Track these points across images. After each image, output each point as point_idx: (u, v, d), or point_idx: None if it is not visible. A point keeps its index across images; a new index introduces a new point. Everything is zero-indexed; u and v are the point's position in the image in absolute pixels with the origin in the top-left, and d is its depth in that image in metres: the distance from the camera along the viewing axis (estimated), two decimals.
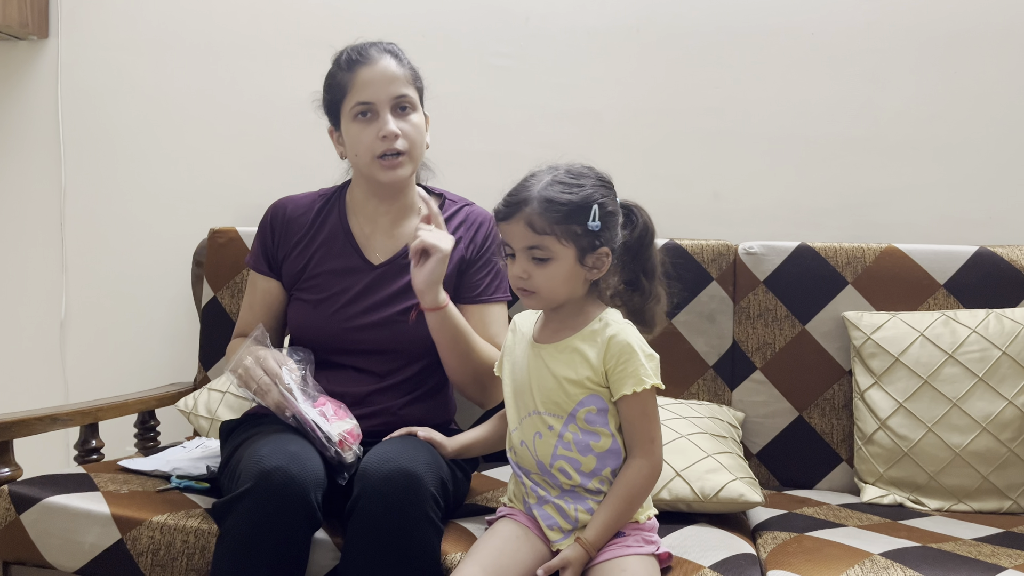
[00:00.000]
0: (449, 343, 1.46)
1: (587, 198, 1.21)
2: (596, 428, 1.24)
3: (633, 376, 1.21)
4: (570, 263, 1.22)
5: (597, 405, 1.24)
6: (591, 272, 1.24)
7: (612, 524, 1.22)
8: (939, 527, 1.50)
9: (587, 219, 1.20)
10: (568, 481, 1.25)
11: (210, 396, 1.87)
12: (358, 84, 1.48)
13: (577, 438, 1.24)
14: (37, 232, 2.30)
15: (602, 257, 1.24)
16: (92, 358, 2.27)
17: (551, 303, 1.26)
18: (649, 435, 1.23)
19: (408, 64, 1.53)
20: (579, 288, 1.26)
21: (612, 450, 1.24)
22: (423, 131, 1.53)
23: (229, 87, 2.21)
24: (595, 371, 1.23)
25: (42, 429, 1.65)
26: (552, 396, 1.25)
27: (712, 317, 1.83)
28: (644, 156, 2.06)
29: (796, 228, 1.98)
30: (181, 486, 1.55)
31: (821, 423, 1.79)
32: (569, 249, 1.22)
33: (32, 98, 2.29)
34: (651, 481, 1.24)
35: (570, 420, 1.24)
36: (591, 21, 2.07)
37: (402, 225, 1.58)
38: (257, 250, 1.62)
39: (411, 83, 1.51)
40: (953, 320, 1.70)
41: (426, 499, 1.25)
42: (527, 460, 1.28)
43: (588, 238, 1.21)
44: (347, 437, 1.36)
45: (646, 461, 1.23)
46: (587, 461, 1.24)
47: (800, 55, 2.01)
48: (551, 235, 1.20)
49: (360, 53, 1.50)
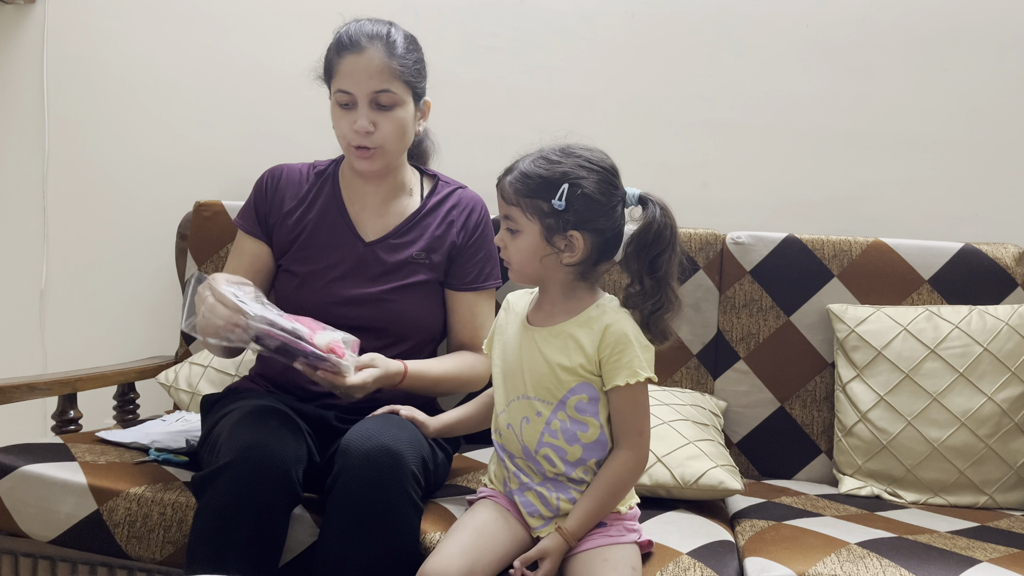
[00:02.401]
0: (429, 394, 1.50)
1: (559, 176, 1.18)
2: (585, 418, 1.22)
3: (627, 367, 1.19)
4: (535, 239, 1.20)
5: (588, 394, 1.22)
6: (563, 255, 1.21)
7: (594, 515, 1.21)
8: (915, 519, 1.52)
9: (554, 197, 1.18)
10: (552, 469, 1.24)
11: (191, 370, 1.86)
12: (342, 71, 1.45)
13: (565, 426, 1.22)
14: (19, 199, 2.26)
15: (573, 240, 1.19)
16: (72, 328, 2.25)
17: (525, 277, 1.25)
18: (638, 428, 1.22)
19: (401, 53, 1.46)
20: (555, 269, 1.22)
21: (599, 441, 1.23)
22: (405, 126, 1.48)
23: (219, 58, 2.18)
24: (589, 359, 1.21)
25: (19, 398, 1.63)
26: (543, 381, 1.23)
27: (697, 306, 1.84)
28: (634, 143, 2.06)
29: (784, 219, 1.98)
30: (160, 459, 1.54)
31: (802, 414, 1.80)
32: (534, 224, 1.20)
33: (17, 63, 2.25)
34: (636, 474, 1.23)
35: (560, 407, 1.23)
36: (585, 5, 2.06)
37: (392, 204, 1.57)
38: (250, 212, 1.59)
39: (398, 76, 1.45)
40: (936, 315, 1.72)
41: (407, 477, 1.25)
42: (512, 443, 1.27)
43: (554, 217, 1.18)
44: (336, 347, 1.31)
45: (632, 454, 1.21)
46: (573, 450, 1.23)
47: (794, 46, 2.00)
48: (517, 207, 1.21)
49: (351, 38, 1.46)
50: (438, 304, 1.57)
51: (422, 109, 1.54)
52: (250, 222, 1.58)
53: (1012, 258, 1.78)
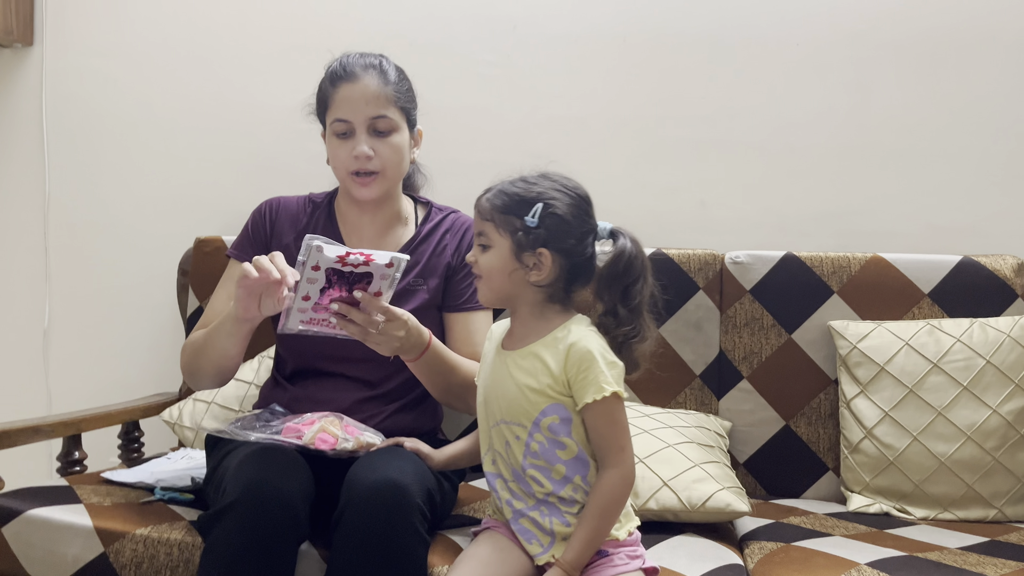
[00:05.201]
0: (437, 379, 1.44)
1: (535, 195, 1.22)
2: (560, 438, 1.22)
3: (594, 384, 1.19)
4: (504, 254, 1.23)
5: (560, 415, 1.22)
6: (531, 272, 1.23)
7: (590, 541, 1.20)
8: (925, 536, 1.51)
9: (527, 215, 1.21)
10: (541, 489, 1.24)
11: (195, 407, 1.86)
12: (338, 101, 1.48)
13: (544, 448, 1.23)
14: (21, 240, 2.28)
15: (541, 258, 1.22)
16: (76, 367, 2.25)
17: (495, 294, 1.27)
18: (618, 443, 1.21)
19: (395, 81, 1.50)
20: (524, 288, 1.24)
21: (579, 458, 1.23)
22: (403, 151, 1.51)
23: (215, 95, 2.20)
24: (555, 379, 1.21)
25: (24, 440, 1.63)
26: (515, 405, 1.24)
27: (699, 326, 1.84)
28: (631, 164, 2.07)
29: (782, 237, 1.98)
30: (165, 498, 1.53)
31: (808, 432, 1.80)
32: (505, 240, 1.23)
33: (17, 105, 2.27)
34: (625, 491, 1.22)
35: (535, 429, 1.23)
36: (579, 29, 2.08)
37: (388, 234, 1.58)
38: (246, 242, 1.59)
39: (393, 103, 1.48)
40: (938, 329, 1.71)
41: (413, 510, 1.24)
42: (502, 467, 1.28)
43: (526, 234, 1.22)
44: (325, 438, 1.33)
45: (617, 471, 1.21)
46: (557, 468, 1.23)
47: (786, 64, 2.02)
48: (491, 222, 1.24)
49: (345, 68, 1.49)
50: (437, 329, 1.57)
51: (415, 137, 1.57)
52: (247, 253, 1.58)
53: (1011, 269, 1.78)
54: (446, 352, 1.44)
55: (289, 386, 1.54)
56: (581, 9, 2.08)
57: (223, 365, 1.48)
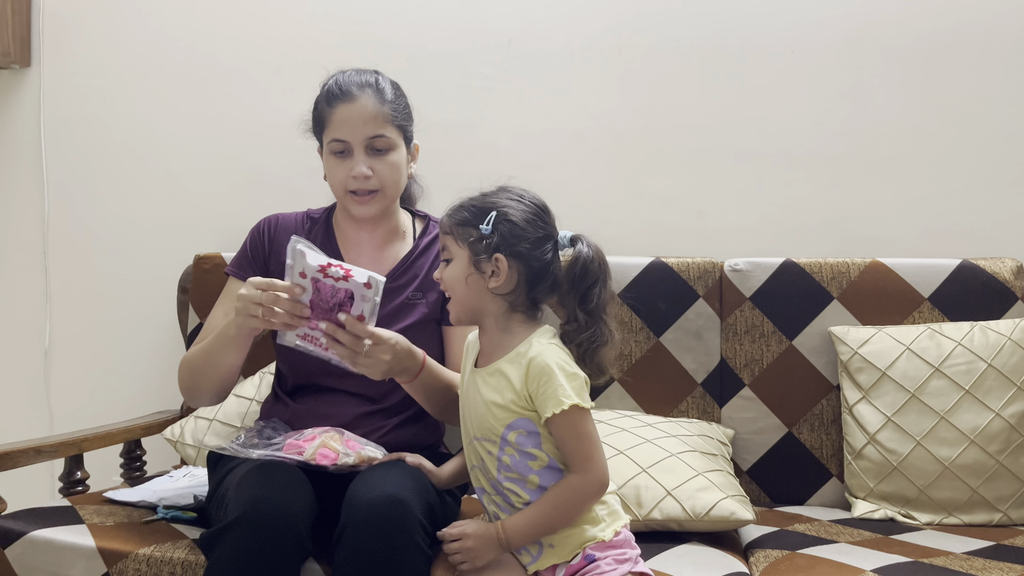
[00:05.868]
0: (433, 398, 1.44)
1: (489, 205, 1.26)
2: (529, 450, 1.24)
3: (552, 398, 1.21)
4: (463, 264, 1.27)
5: (526, 428, 1.24)
6: (490, 279, 1.25)
7: (532, 524, 1.23)
8: (930, 541, 1.50)
9: (482, 223, 1.25)
10: (519, 499, 1.26)
11: (196, 424, 1.86)
12: (335, 121, 1.48)
13: (515, 460, 1.25)
14: (21, 260, 2.28)
15: (498, 264, 1.25)
16: (77, 387, 2.25)
17: (460, 307, 1.30)
18: (583, 454, 1.22)
19: (392, 99, 1.50)
20: (485, 298, 1.27)
21: (551, 467, 1.25)
22: (400, 169, 1.51)
23: (211, 113, 2.20)
24: (518, 395, 1.23)
25: (26, 462, 1.63)
26: (483, 422, 1.27)
27: (699, 334, 1.84)
28: (628, 175, 2.07)
29: (781, 244, 1.98)
30: (168, 516, 1.53)
31: (811, 438, 1.79)
32: (463, 251, 1.27)
33: (15, 126, 2.28)
34: (587, 495, 1.23)
35: (504, 444, 1.25)
36: (572, 42, 2.08)
37: (387, 248, 1.59)
38: (245, 260, 1.59)
39: (391, 121, 1.49)
40: (938, 333, 1.71)
41: (414, 525, 1.24)
42: (483, 480, 1.31)
43: (480, 241, 1.25)
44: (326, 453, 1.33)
45: (580, 476, 1.23)
46: (530, 479, 1.25)
47: (781, 72, 2.02)
48: (450, 235, 1.29)
49: (341, 88, 1.49)
50: (437, 343, 1.57)
51: (412, 152, 1.57)
52: (246, 270, 1.58)
53: (1010, 272, 1.78)
54: (442, 372, 1.44)
55: (290, 401, 1.54)
56: (575, 23, 2.08)
57: (223, 378, 1.48)
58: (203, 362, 1.48)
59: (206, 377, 1.48)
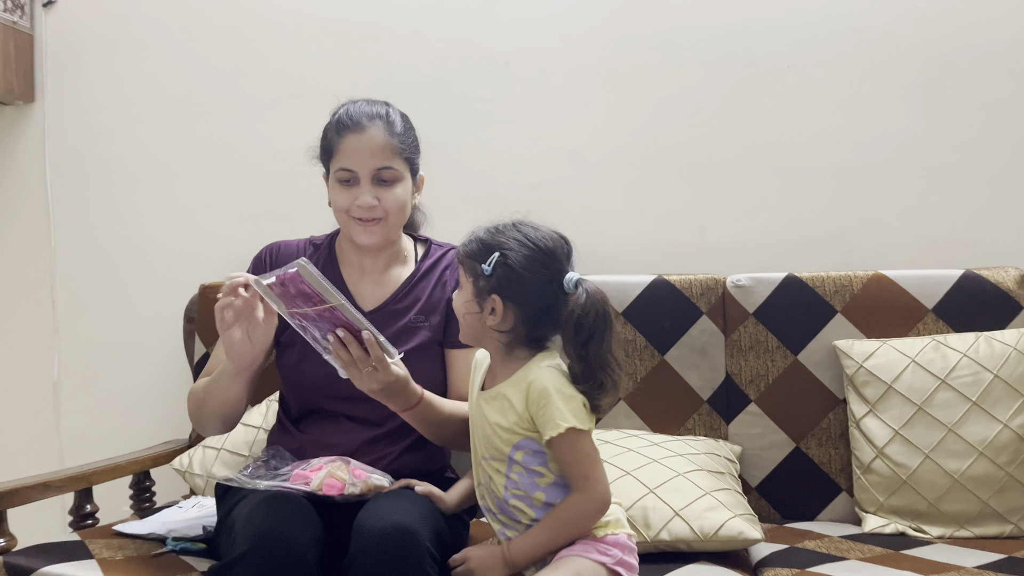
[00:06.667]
0: (429, 429, 1.44)
1: (495, 244, 1.27)
2: (535, 467, 1.27)
3: (550, 421, 1.23)
4: (467, 296, 1.30)
5: (532, 447, 1.27)
6: (487, 317, 1.27)
7: (537, 541, 1.25)
8: (942, 555, 1.49)
9: (486, 261, 1.26)
10: (525, 516, 1.28)
11: (205, 454, 1.86)
12: (343, 151, 1.49)
13: (523, 478, 1.27)
14: (29, 294, 2.30)
15: (495, 305, 1.26)
16: (87, 418, 2.26)
17: (464, 332, 1.33)
18: (582, 473, 1.24)
19: (401, 132, 1.51)
20: (484, 331, 1.29)
21: (557, 483, 1.27)
22: (405, 200, 1.52)
23: (214, 143, 2.22)
24: (521, 417, 1.26)
25: (36, 497, 1.64)
26: (490, 442, 1.29)
27: (704, 351, 1.83)
28: (628, 193, 2.08)
29: (783, 259, 1.98)
30: (177, 548, 1.53)
31: (819, 453, 1.78)
32: (468, 283, 1.30)
33: (20, 162, 2.30)
34: (587, 513, 1.26)
35: (511, 463, 1.28)
36: (569, 63, 2.10)
37: (388, 272, 1.59)
38: None
39: (399, 154, 1.50)
40: (943, 345, 1.71)
41: (422, 554, 1.24)
42: (489, 500, 1.33)
43: (483, 280, 1.27)
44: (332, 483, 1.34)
45: (581, 496, 1.25)
46: (537, 496, 1.27)
47: (778, 87, 2.03)
48: (461, 265, 1.32)
49: (352, 118, 1.50)
50: (440, 366, 1.58)
51: (417, 183, 1.58)
52: None
53: (1014, 281, 1.78)
54: (441, 407, 1.44)
55: (296, 431, 1.55)
56: (571, 44, 2.10)
57: (226, 413, 1.50)
58: (206, 397, 1.49)
59: (210, 411, 1.49)
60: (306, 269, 1.26)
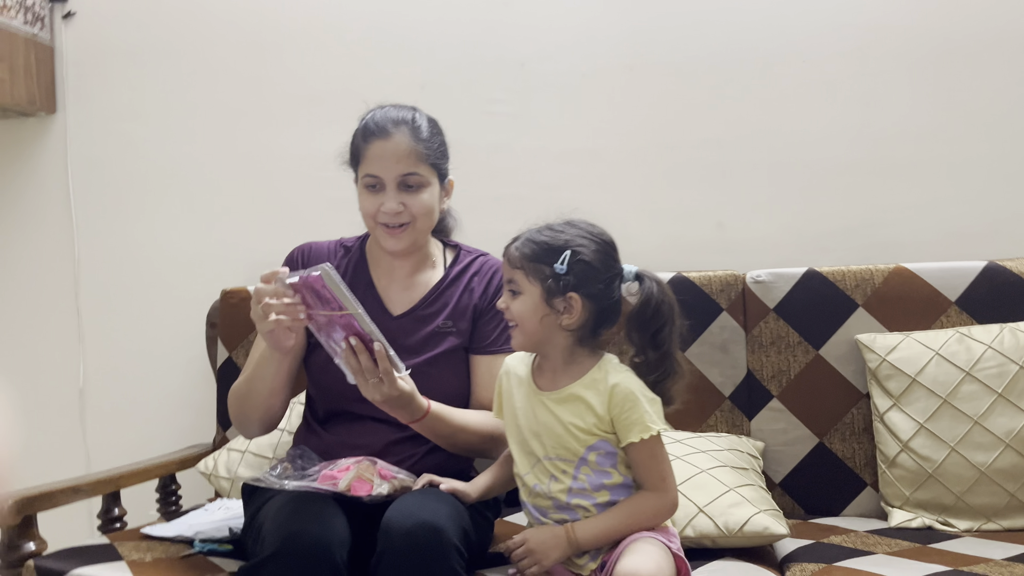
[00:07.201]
0: (437, 439, 1.46)
1: (563, 243, 1.27)
2: (606, 468, 1.28)
3: (639, 423, 1.24)
4: (535, 300, 1.27)
5: (605, 448, 1.28)
6: (561, 317, 1.27)
7: (606, 528, 1.26)
8: (970, 549, 1.48)
9: (556, 262, 1.25)
10: (586, 514, 1.29)
11: (230, 456, 1.88)
12: (370, 156, 1.50)
13: (590, 478, 1.28)
14: (53, 303, 2.33)
15: (570, 302, 1.26)
16: (112, 424, 2.29)
17: (528, 339, 1.30)
18: (660, 475, 1.27)
19: (427, 137, 1.51)
20: (555, 333, 1.28)
21: (624, 484, 1.29)
22: (431, 205, 1.53)
23: (236, 149, 2.24)
24: (600, 419, 1.26)
25: (64, 501, 1.66)
26: (561, 442, 1.28)
27: (725, 347, 1.83)
28: (645, 191, 2.08)
29: (802, 254, 1.98)
30: (204, 550, 1.55)
31: (842, 448, 1.78)
32: (535, 287, 1.27)
33: (43, 172, 2.33)
34: (661, 513, 1.28)
35: (581, 463, 1.28)
36: (584, 63, 2.10)
37: (417, 277, 1.60)
38: None
39: (424, 159, 1.50)
40: (967, 337, 1.70)
41: (450, 551, 1.24)
42: (544, 502, 1.31)
43: (555, 280, 1.26)
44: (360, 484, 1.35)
45: (655, 495, 1.28)
46: (601, 495, 1.28)
47: (794, 81, 2.03)
48: (520, 270, 1.28)
49: (377, 124, 1.51)
50: (466, 370, 1.58)
51: (446, 188, 1.58)
52: None
53: None
54: (449, 419, 1.44)
55: (323, 432, 1.56)
56: (586, 44, 2.10)
57: (270, 404, 1.52)
58: (249, 391, 1.52)
59: (252, 405, 1.51)
60: (329, 275, 1.27)
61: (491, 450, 1.51)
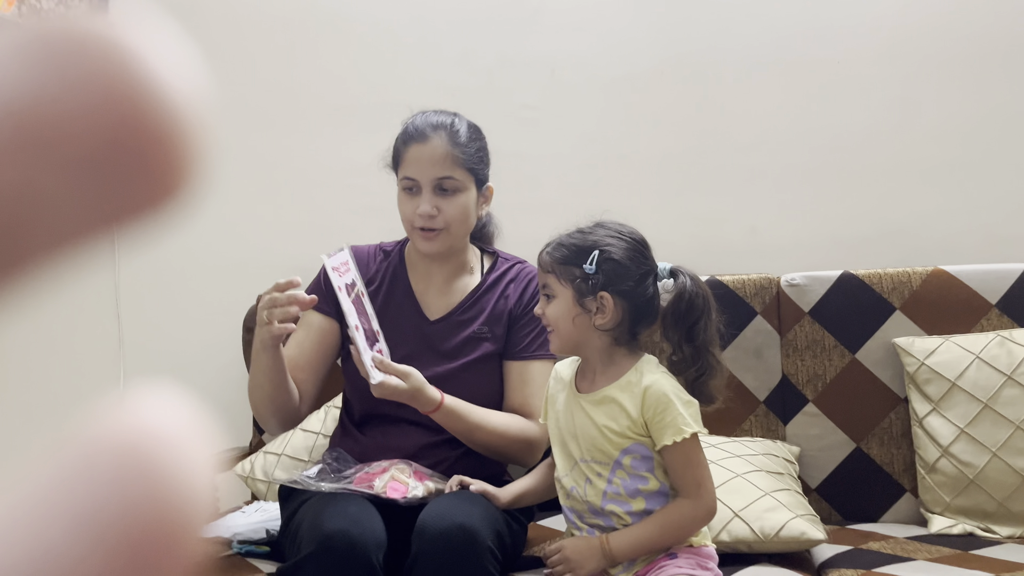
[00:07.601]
0: (455, 433, 1.47)
1: (591, 244, 1.27)
2: (642, 473, 1.27)
3: (672, 426, 1.23)
4: (567, 302, 1.28)
5: (641, 452, 1.27)
6: (594, 317, 1.26)
7: (640, 539, 1.24)
8: (1013, 555, 1.46)
9: (585, 262, 1.26)
10: (621, 522, 1.27)
11: (266, 459, 1.90)
12: (408, 160, 1.53)
13: (625, 483, 1.27)
14: (94, 311, 2.37)
15: (602, 301, 1.25)
16: None
17: (565, 342, 1.31)
18: (695, 480, 1.25)
19: (464, 142, 1.53)
20: (590, 334, 1.28)
21: (660, 491, 1.27)
22: (467, 210, 1.54)
23: (268, 157, 2.28)
24: (634, 422, 1.25)
25: None
26: (596, 444, 1.28)
27: (759, 352, 1.82)
28: (677, 196, 2.07)
29: (837, 257, 1.95)
30: (242, 551, 1.57)
31: (880, 453, 1.75)
32: (567, 290, 1.28)
33: None
34: (695, 520, 1.26)
35: (616, 467, 1.27)
36: (615, 69, 2.11)
37: (455, 282, 1.61)
38: (317, 290, 1.61)
39: (461, 164, 1.51)
40: (1009, 340, 1.67)
41: (484, 554, 1.25)
42: (579, 504, 1.31)
43: (585, 280, 1.26)
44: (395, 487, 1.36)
45: (691, 502, 1.25)
46: (636, 502, 1.27)
47: (827, 84, 2.01)
48: (552, 274, 1.29)
49: (417, 128, 1.53)
50: (498, 377, 1.59)
51: (485, 194, 1.59)
52: (319, 301, 1.62)
53: None
54: (466, 416, 1.45)
55: (359, 435, 1.57)
56: (616, 49, 2.11)
57: (274, 397, 1.55)
58: (252, 385, 1.57)
59: (260, 399, 1.56)
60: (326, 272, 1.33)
61: (519, 454, 1.52)
